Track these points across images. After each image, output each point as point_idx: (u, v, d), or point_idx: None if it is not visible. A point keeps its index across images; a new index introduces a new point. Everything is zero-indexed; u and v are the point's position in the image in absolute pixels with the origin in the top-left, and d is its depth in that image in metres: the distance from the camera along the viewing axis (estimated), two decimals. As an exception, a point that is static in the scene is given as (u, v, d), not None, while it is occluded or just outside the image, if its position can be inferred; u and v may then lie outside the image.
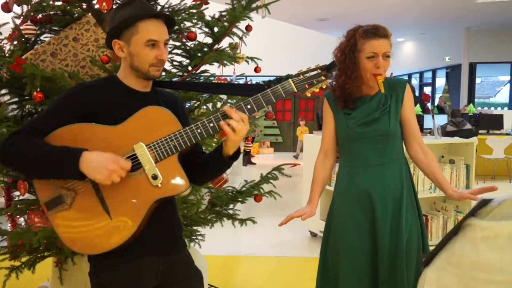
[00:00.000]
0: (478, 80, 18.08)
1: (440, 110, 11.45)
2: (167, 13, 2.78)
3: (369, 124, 2.12)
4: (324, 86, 1.67)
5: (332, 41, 2.25)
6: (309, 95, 1.66)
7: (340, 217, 2.18)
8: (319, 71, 1.64)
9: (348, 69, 2.07)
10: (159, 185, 1.57)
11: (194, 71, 2.77)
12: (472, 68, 15.54)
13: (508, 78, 16.78)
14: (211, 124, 1.59)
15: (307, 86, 1.63)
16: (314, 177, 2.28)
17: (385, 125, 2.11)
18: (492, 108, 15.90)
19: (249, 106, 1.60)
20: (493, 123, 9.43)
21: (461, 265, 1.18)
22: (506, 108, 16.05)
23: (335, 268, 2.19)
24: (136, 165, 1.58)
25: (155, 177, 1.56)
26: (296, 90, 1.62)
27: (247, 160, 10.75)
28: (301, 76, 1.63)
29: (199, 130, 1.59)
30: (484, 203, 1.18)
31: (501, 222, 1.13)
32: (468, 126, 8.14)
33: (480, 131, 9.13)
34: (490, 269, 1.13)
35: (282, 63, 15.81)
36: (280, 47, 16.56)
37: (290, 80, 1.62)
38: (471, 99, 15.22)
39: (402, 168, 2.18)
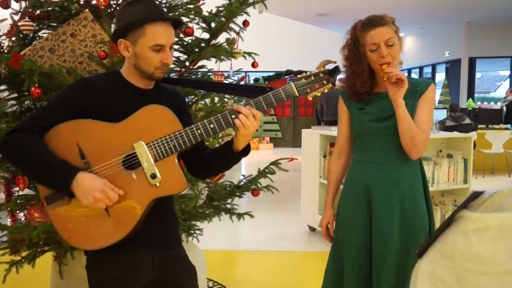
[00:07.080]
0: (478, 75, 18.07)
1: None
2: (168, 10, 2.79)
3: (383, 120, 2.04)
4: (326, 91, 1.64)
5: (332, 36, 2.25)
6: (310, 98, 1.64)
7: (345, 211, 2.14)
8: (321, 75, 1.63)
9: (353, 65, 2.05)
10: (158, 184, 1.58)
11: (191, 67, 2.79)
12: (472, 62, 15.50)
13: (508, 72, 16.74)
14: (211, 126, 1.60)
15: (308, 90, 1.62)
16: (328, 177, 2.27)
17: None
18: (492, 103, 15.88)
19: None
20: (493, 117, 9.44)
21: (453, 257, 1.19)
22: (506, 103, 16.02)
23: (340, 261, 2.14)
24: (136, 163, 1.59)
25: (153, 176, 1.57)
26: (297, 94, 1.62)
27: None
28: (303, 80, 1.62)
29: (199, 131, 1.60)
30: (476, 195, 1.20)
31: (492, 214, 1.14)
32: (467, 120, 8.14)
33: (480, 126, 9.14)
34: (482, 261, 1.14)
35: (281, 59, 15.77)
36: (278, 42, 16.52)
37: (292, 84, 1.62)
38: (471, 94, 15.20)
39: (415, 171, 2.08)
